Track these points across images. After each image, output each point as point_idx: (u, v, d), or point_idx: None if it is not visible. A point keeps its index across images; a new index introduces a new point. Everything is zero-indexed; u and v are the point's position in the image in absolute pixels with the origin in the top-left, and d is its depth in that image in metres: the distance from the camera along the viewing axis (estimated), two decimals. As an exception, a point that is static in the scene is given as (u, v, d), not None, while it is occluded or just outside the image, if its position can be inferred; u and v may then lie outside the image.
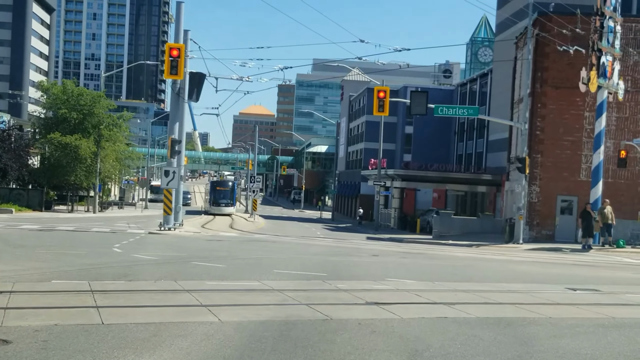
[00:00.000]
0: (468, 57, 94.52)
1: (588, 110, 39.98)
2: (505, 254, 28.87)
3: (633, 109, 40.75)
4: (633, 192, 38.97)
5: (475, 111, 35.92)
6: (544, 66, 41.03)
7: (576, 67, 36.24)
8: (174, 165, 29.16)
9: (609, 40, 35.67)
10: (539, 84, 41.14)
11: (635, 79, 40.60)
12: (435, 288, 13.96)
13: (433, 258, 23.00)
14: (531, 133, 41.23)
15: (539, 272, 19.99)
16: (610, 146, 39.86)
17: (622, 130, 40.53)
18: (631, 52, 40.21)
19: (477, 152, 66.69)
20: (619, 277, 19.33)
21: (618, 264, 25.69)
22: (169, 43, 28.14)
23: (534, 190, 41.10)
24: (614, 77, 36.67)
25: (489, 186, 58.24)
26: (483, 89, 65.87)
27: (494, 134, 61.07)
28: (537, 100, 41.24)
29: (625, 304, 13.04)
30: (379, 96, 34.19)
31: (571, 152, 40.94)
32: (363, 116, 79.50)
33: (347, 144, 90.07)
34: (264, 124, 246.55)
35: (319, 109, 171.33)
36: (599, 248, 34.24)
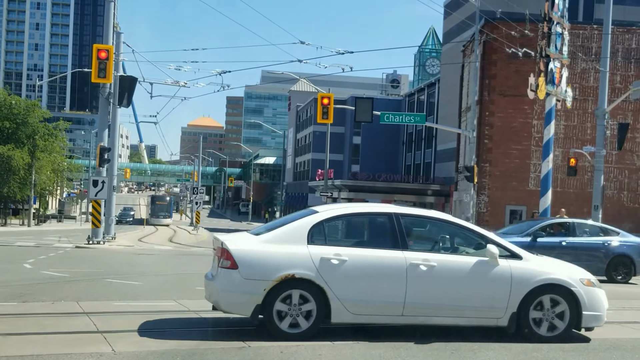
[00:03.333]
0: (416, 68, 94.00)
1: (536, 118, 39.24)
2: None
3: (581, 117, 40.15)
4: (582, 201, 38.21)
5: (421, 119, 34.80)
6: (491, 73, 40.24)
7: (524, 75, 35.36)
8: (102, 174, 27.29)
9: (556, 46, 34.84)
10: (487, 91, 40.33)
11: (583, 86, 40.02)
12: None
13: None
14: (479, 142, 40.33)
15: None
16: (559, 155, 39.15)
17: (570, 138, 39.89)
18: (579, 60, 39.62)
19: (426, 162, 65.88)
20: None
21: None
22: (97, 44, 26.34)
23: (483, 200, 40.18)
24: (562, 84, 35.83)
25: (437, 196, 57.38)
26: (431, 99, 65.15)
27: (442, 143, 60.27)
28: (485, 108, 40.40)
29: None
30: (322, 103, 32.81)
31: (520, 161, 40.17)
32: (310, 126, 78.17)
33: (295, 155, 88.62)
34: (213, 136, 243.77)
35: (268, 121, 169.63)
36: (550, 259, 33.29)
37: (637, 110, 40.04)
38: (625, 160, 40.21)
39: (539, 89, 34.52)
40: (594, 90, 37.46)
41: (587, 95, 39.76)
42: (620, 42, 40.12)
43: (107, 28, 27.34)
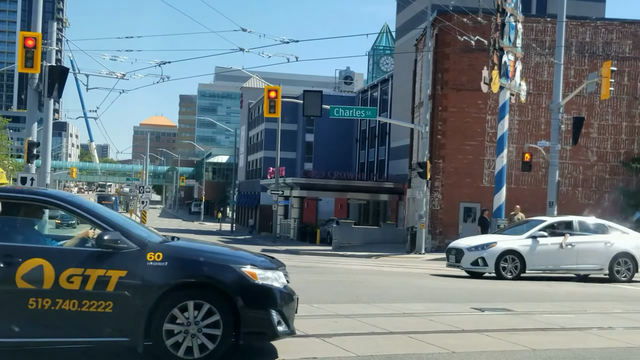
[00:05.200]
0: (370, 66, 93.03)
1: (490, 113, 38.37)
2: (405, 266, 26.51)
3: (535, 112, 39.40)
4: (537, 198, 37.39)
5: (372, 113, 33.66)
6: (444, 67, 39.28)
7: (477, 69, 34.42)
8: (32, 171, 25.49)
9: (510, 38, 33.96)
10: (440, 86, 39.36)
11: (537, 81, 39.27)
12: (312, 313, 11.18)
13: (323, 273, 20.31)
14: (432, 138, 39.34)
15: (439, 286, 17.55)
16: (513, 151, 38.35)
17: (524, 134, 39.11)
18: (532, 53, 38.85)
19: (379, 159, 64.87)
20: (528, 290, 17.08)
21: (525, 274, 23.64)
22: (23, 32, 24.57)
23: (436, 197, 39.20)
24: (516, 78, 34.99)
25: (391, 194, 56.39)
26: (384, 95, 64.14)
27: (395, 140, 59.28)
28: (438, 103, 39.43)
29: (544, 329, 10.56)
30: (269, 96, 31.42)
31: (474, 157, 39.28)
32: (262, 124, 76.65)
33: (247, 153, 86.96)
34: (166, 135, 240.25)
35: (222, 119, 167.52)
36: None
37: (591, 106, 39.44)
38: (580, 156, 39.59)
39: (493, 82, 33.59)
40: (548, 84, 36.71)
41: (541, 89, 39.02)
42: (574, 36, 39.47)
43: (36, 15, 25.57)
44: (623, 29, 39.74)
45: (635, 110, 39.44)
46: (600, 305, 14.16)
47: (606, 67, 29.46)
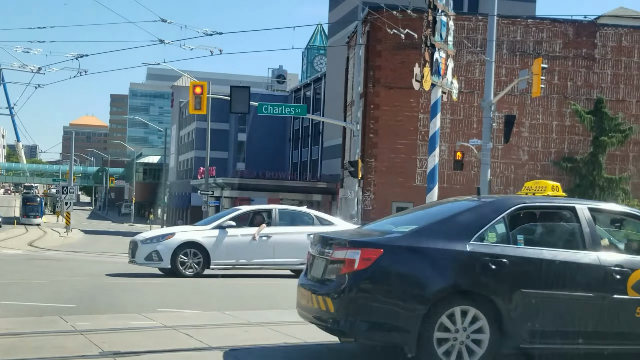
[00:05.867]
0: (304, 66, 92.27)
1: (422, 111, 37.90)
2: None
3: (467, 110, 39.10)
4: (469, 197, 37.09)
5: (302, 110, 32.74)
6: (376, 65, 38.68)
7: (409, 66, 33.70)
8: None
9: (442, 35, 33.35)
10: (372, 83, 38.74)
11: (469, 79, 38.98)
12: (222, 321, 10.18)
13: (247, 276, 19.26)
14: (365, 136, 38.67)
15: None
16: (446, 150, 37.94)
17: (457, 132, 38.77)
18: (464, 52, 38.53)
19: (313, 159, 64.13)
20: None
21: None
22: None
23: (369, 196, 38.55)
24: (448, 76, 34.38)
25: (324, 194, 55.71)
26: (317, 94, 63.43)
27: (329, 140, 58.60)
28: (369, 101, 38.80)
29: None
30: (195, 92, 30.18)
31: (406, 156, 38.76)
32: (193, 123, 75.10)
33: (178, 153, 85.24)
34: (97, 135, 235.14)
35: (154, 119, 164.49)
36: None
37: (522, 105, 39.34)
38: (512, 155, 39.44)
39: (425, 80, 32.99)
40: (480, 83, 36.38)
41: (473, 88, 38.72)
42: (505, 35, 39.32)
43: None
44: (553, 28, 39.77)
45: (566, 109, 39.49)
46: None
47: (537, 64, 29.15)
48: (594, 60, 39.76)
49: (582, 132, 39.29)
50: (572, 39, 39.75)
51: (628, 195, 38.24)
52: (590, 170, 38.06)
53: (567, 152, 39.56)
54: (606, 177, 37.92)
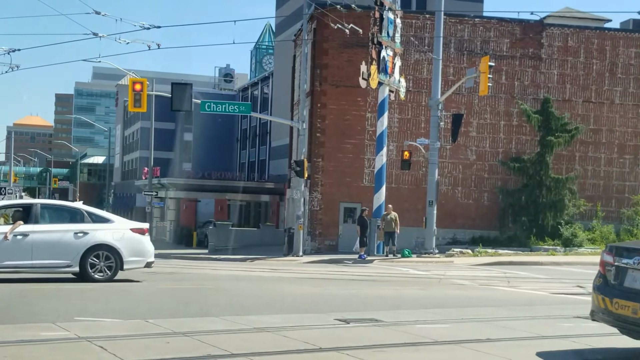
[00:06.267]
0: (253, 65, 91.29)
1: (370, 110, 37.36)
2: (279, 270, 24.89)
3: (415, 110, 38.68)
4: (417, 197, 36.68)
5: (247, 108, 31.97)
6: (323, 63, 38.03)
7: (357, 65, 33.26)
8: None
9: (389, 33, 33.10)
10: (319, 82, 38.08)
11: (417, 78, 38.58)
12: (143, 332, 9.34)
13: (183, 280, 18.41)
14: (312, 136, 38.02)
15: (309, 293, 15.99)
16: (394, 149, 37.47)
17: (404, 132, 38.32)
18: (412, 51, 38.13)
19: (260, 159, 63.24)
20: (405, 295, 15.80)
21: (402, 276, 22.54)
22: None
23: (316, 197, 37.87)
24: (395, 74, 34.19)
25: (272, 195, 54.88)
26: (265, 94, 62.56)
27: (276, 140, 57.79)
28: (316, 99, 38.13)
29: (415, 343, 9.11)
30: (134, 89, 29.14)
31: (354, 156, 38.18)
32: (138, 122, 73.57)
33: (123, 154, 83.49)
34: (41, 135, 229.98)
35: (100, 119, 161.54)
36: (382, 258, 31.40)
37: (470, 104, 39.08)
38: (460, 155, 39.15)
39: (371, 78, 32.56)
40: (428, 82, 36.02)
41: (421, 87, 38.31)
42: (452, 34, 39.02)
43: None
44: (500, 27, 39.62)
45: (513, 109, 39.35)
46: (476, 311, 12.92)
47: (484, 63, 28.87)
48: (541, 60, 39.72)
49: (529, 132, 39.20)
50: (519, 39, 39.66)
51: (575, 195, 38.26)
52: (537, 170, 37.95)
53: (515, 152, 39.42)
54: (553, 177, 37.85)
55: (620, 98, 40.36)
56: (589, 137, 39.93)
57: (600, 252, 8.73)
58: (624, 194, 40.12)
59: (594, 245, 36.28)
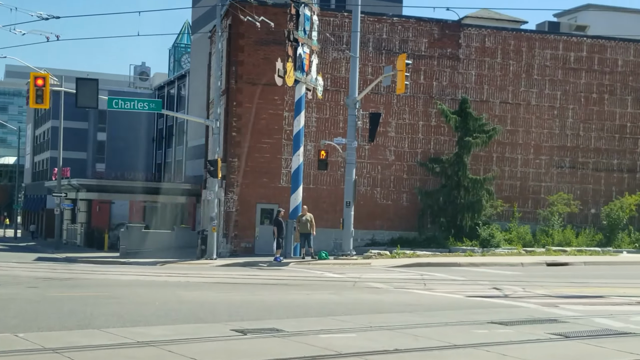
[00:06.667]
0: (171, 64, 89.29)
1: (288, 109, 36.47)
2: (188, 274, 23.75)
3: (333, 109, 37.98)
4: (336, 198, 35.98)
5: (157, 105, 30.67)
6: (238, 60, 36.93)
7: (273, 63, 32.28)
8: None
9: (305, 30, 32.27)
10: (234, 79, 36.97)
11: (335, 77, 37.89)
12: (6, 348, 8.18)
13: (79, 286, 17.13)
14: (227, 135, 36.90)
15: (212, 300, 14.96)
16: (312, 149, 36.68)
17: (323, 132, 37.56)
18: (330, 49, 37.44)
19: (177, 160, 61.57)
20: (314, 301, 14.95)
21: (316, 279, 21.71)
22: None
23: (232, 198, 36.74)
24: (312, 72, 33.39)
25: (188, 196, 53.30)
26: (182, 92, 60.97)
27: (193, 140, 56.32)
28: (232, 97, 37.01)
29: (315, 357, 8.24)
30: (36, 84, 27.54)
31: (271, 156, 37.20)
32: (48, 122, 70.79)
33: (34, 154, 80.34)
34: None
35: (14, 119, 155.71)
36: (299, 261, 30.57)
37: (389, 104, 38.64)
38: (378, 155, 38.66)
39: (287, 75, 31.66)
40: (346, 81, 35.35)
41: (340, 86, 37.65)
42: (371, 32, 38.51)
43: None
44: (419, 27, 39.31)
45: (432, 109, 39.08)
46: (387, 318, 12.17)
47: (401, 60, 28.36)
48: (459, 61, 39.60)
49: (447, 132, 39.00)
50: (437, 39, 39.44)
51: (492, 196, 38.22)
52: (455, 170, 37.74)
53: (434, 153, 39.15)
54: (471, 178, 37.71)
55: (537, 99, 40.60)
56: (506, 138, 40.00)
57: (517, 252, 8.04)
58: (540, 195, 40.36)
59: (511, 245, 36.31)
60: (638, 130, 41.73)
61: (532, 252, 34.17)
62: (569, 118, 40.99)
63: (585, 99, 41.08)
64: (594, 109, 41.21)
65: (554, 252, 34.23)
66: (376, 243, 37.24)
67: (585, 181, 41.16)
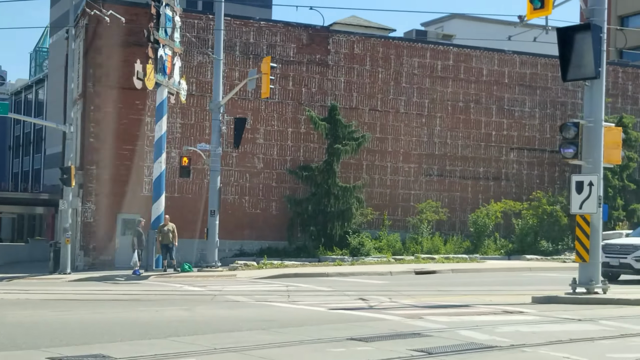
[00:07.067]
0: (33, 69, 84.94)
1: (150, 115, 34.67)
2: (32, 290, 21.72)
3: (199, 115, 36.49)
4: (201, 207, 34.44)
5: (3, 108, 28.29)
6: (96, 62, 34.91)
7: (134, 66, 30.52)
8: None
9: (167, 31, 30.74)
10: (92, 82, 34.90)
11: (201, 81, 36.44)
12: None
13: None
14: (84, 141, 34.77)
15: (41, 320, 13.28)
16: (176, 156, 35.04)
17: (188, 138, 35.97)
18: (195, 52, 35.99)
19: (35, 168, 58.24)
20: (161, 319, 13.55)
21: (173, 294, 20.27)
22: None
23: (90, 208, 34.56)
24: (175, 75, 31.84)
25: (47, 207, 50.42)
26: (40, 97, 57.71)
27: (52, 147, 53.30)
28: (89, 101, 34.91)
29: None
30: None
31: (132, 164, 35.28)
32: None
33: None
34: None
35: None
36: (160, 274, 28.96)
37: (257, 110, 37.52)
38: (247, 163, 37.44)
39: (148, 78, 29.95)
40: (212, 86, 33.94)
41: (205, 91, 36.18)
42: (238, 36, 37.31)
43: None
44: (287, 32, 38.44)
45: (301, 116, 38.26)
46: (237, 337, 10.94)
47: (266, 63, 27.33)
48: (328, 67, 39.01)
49: (317, 139, 38.28)
50: (305, 44, 38.71)
51: (362, 204, 37.75)
52: (325, 178, 37.03)
53: (303, 160, 38.32)
54: (341, 186, 37.10)
55: (405, 107, 40.54)
56: (376, 145, 39.70)
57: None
58: (410, 203, 40.25)
59: (381, 254, 35.93)
60: (503, 139, 42.39)
61: (402, 261, 33.88)
62: (436, 126, 41.16)
63: (452, 107, 41.39)
64: (461, 117, 41.58)
65: (422, 260, 34.06)
66: (245, 253, 35.97)
67: (453, 189, 41.43)
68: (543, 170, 43.28)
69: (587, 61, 17.38)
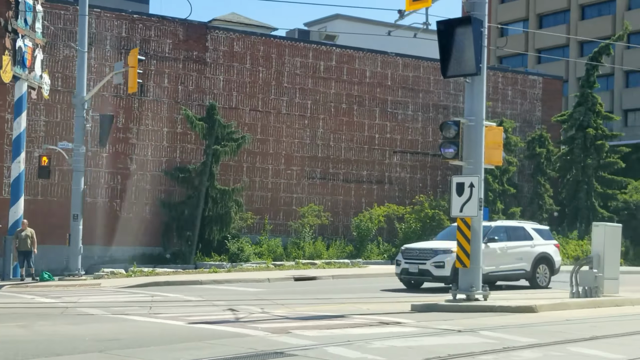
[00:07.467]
0: None
1: (11, 111, 31.94)
2: None
3: (66, 112, 33.97)
4: (68, 211, 31.95)
5: None
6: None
7: (-7, 57, 27.89)
8: None
9: (27, 21, 28.31)
10: (-57, 75, 31.77)
11: (67, 76, 33.97)
12: None
13: None
14: None
15: None
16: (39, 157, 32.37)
17: (53, 137, 33.38)
18: (60, 45, 33.54)
19: None
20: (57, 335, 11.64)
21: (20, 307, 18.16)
22: None
23: (-60, 214, 31.45)
24: (36, 69, 29.41)
25: None
26: None
27: None
28: (-60, 95, 31.81)
29: None
30: None
31: (-10, 164, 32.46)
32: None
33: None
34: None
35: None
36: (17, 283, 26.49)
37: (130, 108, 35.39)
38: (118, 164, 35.21)
39: (4, 70, 27.42)
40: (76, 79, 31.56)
41: (73, 87, 33.45)
42: (109, 29, 35.08)
43: None
44: (162, 27, 36.47)
45: (177, 115, 36.34)
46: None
47: (133, 56, 25.41)
48: (206, 64, 37.31)
49: (195, 140, 36.49)
50: (182, 40, 36.87)
51: (241, 208, 36.22)
52: (203, 181, 35.27)
53: (180, 162, 36.43)
54: (219, 189, 35.43)
55: (287, 108, 39.31)
56: (257, 147, 38.27)
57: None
58: (292, 206, 39.03)
59: (262, 259, 34.53)
60: (386, 142, 41.81)
61: (282, 266, 32.53)
62: (319, 128, 40.15)
63: (335, 109, 40.48)
64: (344, 119, 40.72)
65: (303, 265, 32.82)
66: (116, 260, 33.69)
67: (336, 192, 40.50)
68: (426, 174, 43.00)
69: (468, 57, 16.54)
